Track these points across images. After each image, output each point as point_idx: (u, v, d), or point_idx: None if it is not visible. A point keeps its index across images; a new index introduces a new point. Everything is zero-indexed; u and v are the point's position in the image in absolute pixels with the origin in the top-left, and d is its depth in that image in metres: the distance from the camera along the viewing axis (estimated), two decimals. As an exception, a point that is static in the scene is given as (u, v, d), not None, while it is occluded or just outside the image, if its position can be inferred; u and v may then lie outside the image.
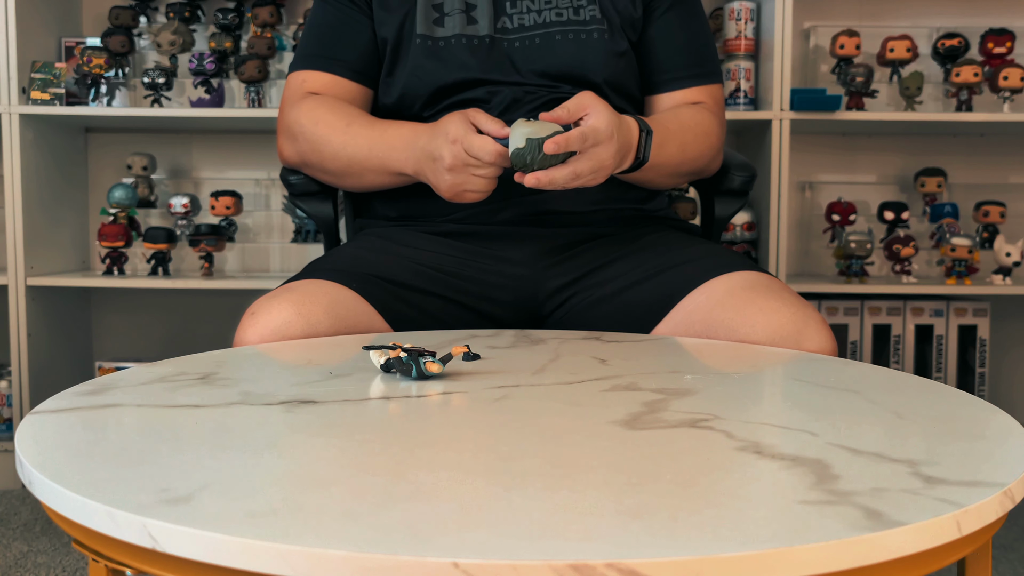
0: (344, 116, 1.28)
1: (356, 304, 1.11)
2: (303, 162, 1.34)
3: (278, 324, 1.04)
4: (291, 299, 1.07)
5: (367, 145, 1.25)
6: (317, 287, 1.11)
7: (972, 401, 0.78)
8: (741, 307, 1.09)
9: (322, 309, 1.07)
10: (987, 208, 2.31)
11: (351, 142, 1.26)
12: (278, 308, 1.05)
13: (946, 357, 2.31)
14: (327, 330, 1.06)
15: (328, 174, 1.32)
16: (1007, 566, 1.77)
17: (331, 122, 1.28)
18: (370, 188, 1.31)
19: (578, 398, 0.77)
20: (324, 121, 1.28)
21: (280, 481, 0.56)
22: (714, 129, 1.34)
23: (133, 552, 0.53)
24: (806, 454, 0.61)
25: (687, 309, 1.14)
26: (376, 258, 1.21)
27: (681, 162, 1.29)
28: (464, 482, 0.56)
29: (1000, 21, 2.42)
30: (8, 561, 1.76)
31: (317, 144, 1.29)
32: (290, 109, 1.33)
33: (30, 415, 0.71)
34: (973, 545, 0.57)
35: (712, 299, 1.12)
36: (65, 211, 2.40)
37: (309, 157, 1.32)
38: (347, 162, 1.27)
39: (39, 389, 2.22)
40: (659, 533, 0.48)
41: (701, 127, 1.32)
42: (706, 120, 1.34)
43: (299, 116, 1.31)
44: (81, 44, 2.36)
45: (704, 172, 1.38)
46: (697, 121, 1.32)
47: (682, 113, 1.32)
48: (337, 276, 1.14)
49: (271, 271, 2.45)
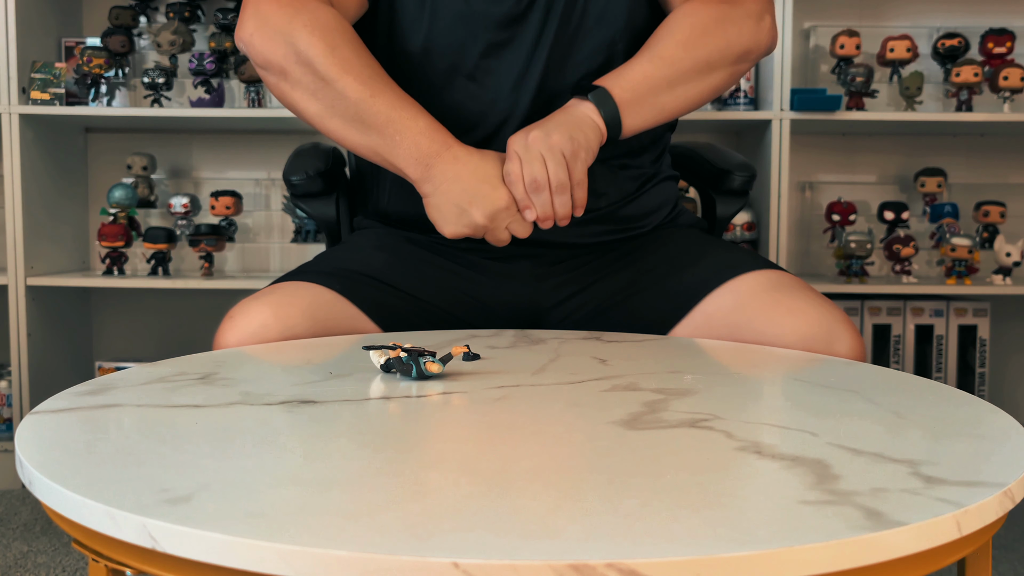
0: (368, 67, 1.09)
1: (338, 305, 1.10)
2: (278, 69, 1.10)
3: (255, 328, 1.04)
4: (269, 302, 1.06)
5: (383, 117, 1.06)
6: (297, 289, 1.10)
7: (972, 401, 0.78)
8: (767, 309, 1.05)
9: (299, 312, 1.06)
10: (987, 208, 2.31)
11: (367, 100, 1.06)
12: (255, 311, 1.05)
13: (946, 357, 2.31)
14: (305, 332, 1.06)
15: (304, 109, 1.11)
16: (1007, 566, 1.77)
17: (356, 71, 1.07)
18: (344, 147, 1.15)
19: (578, 398, 0.77)
20: (346, 64, 1.07)
21: (280, 481, 0.56)
22: (709, 6, 1.16)
23: (133, 552, 0.53)
24: (806, 454, 0.61)
25: (707, 312, 1.10)
26: (367, 257, 1.19)
27: (692, 65, 1.14)
28: (464, 482, 0.56)
29: (1000, 21, 2.42)
30: (8, 561, 1.76)
31: (326, 88, 1.07)
32: (290, 2, 1.10)
33: (30, 415, 0.71)
34: (973, 545, 0.57)
35: (736, 301, 1.08)
36: (65, 211, 2.40)
37: (295, 76, 1.09)
38: (342, 113, 1.08)
39: (39, 389, 2.22)
40: (659, 533, 0.48)
41: (689, 16, 1.16)
42: (694, 5, 1.17)
43: (307, 32, 1.07)
44: (81, 44, 2.36)
45: (748, 53, 1.18)
46: (681, 15, 1.16)
47: (670, 19, 1.17)
48: (320, 278, 1.13)
49: (271, 271, 2.45)
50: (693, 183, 1.50)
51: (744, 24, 1.17)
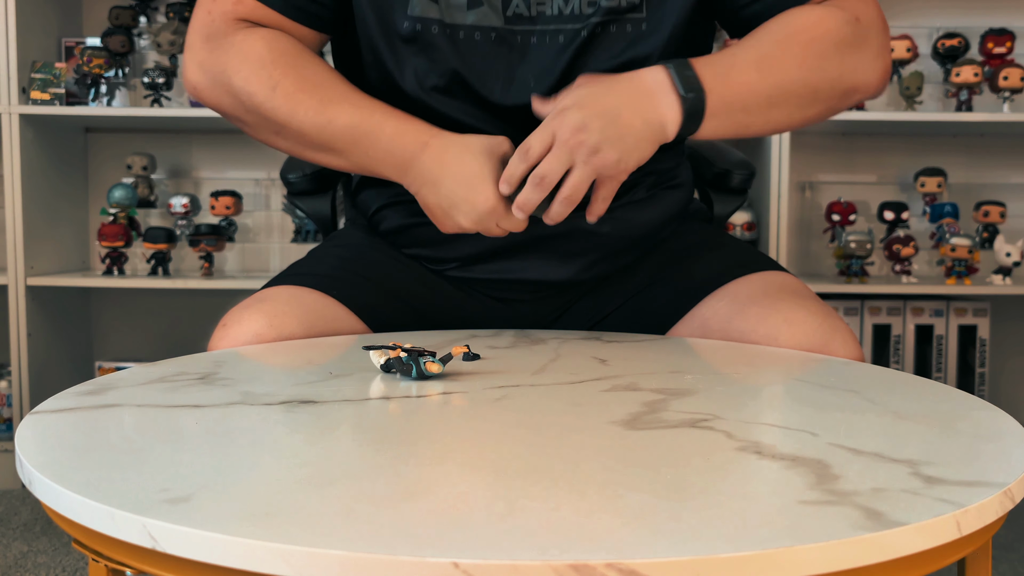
0: (317, 89, 1.01)
1: (334, 311, 1.07)
2: (234, 117, 1.06)
3: (249, 336, 1.01)
4: (263, 310, 1.03)
5: (348, 137, 1.00)
6: (291, 295, 1.07)
7: (972, 401, 0.78)
8: (764, 316, 1.01)
9: (295, 320, 1.03)
10: (987, 208, 2.31)
11: (326, 127, 1.00)
12: (249, 319, 1.02)
13: (946, 357, 2.31)
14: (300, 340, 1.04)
15: (276, 146, 1.07)
16: (1007, 566, 1.77)
17: (304, 101, 1.00)
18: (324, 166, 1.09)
19: (578, 398, 0.77)
20: (292, 98, 1.00)
21: (280, 481, 0.56)
22: (833, 26, 1.00)
23: (133, 552, 0.53)
24: (806, 454, 0.61)
25: (703, 316, 1.08)
26: (363, 257, 1.16)
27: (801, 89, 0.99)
28: (464, 482, 0.56)
29: (1000, 21, 2.42)
30: (8, 561, 1.76)
31: (284, 128, 1.02)
32: (219, 43, 1.03)
33: (30, 415, 0.71)
34: (973, 545, 0.57)
35: (733, 306, 1.05)
36: (65, 211, 2.40)
37: (251, 122, 1.04)
38: (310, 145, 1.02)
39: (39, 389, 2.22)
40: (659, 533, 0.48)
41: (809, 30, 0.99)
42: (815, 17, 0.99)
43: (241, 77, 1.01)
44: (81, 44, 2.36)
45: (855, 92, 1.03)
46: (801, 27, 0.99)
47: (772, 25, 1.01)
48: (315, 281, 1.09)
49: (271, 271, 2.45)
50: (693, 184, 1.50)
51: (864, 57, 1.02)
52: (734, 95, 0.96)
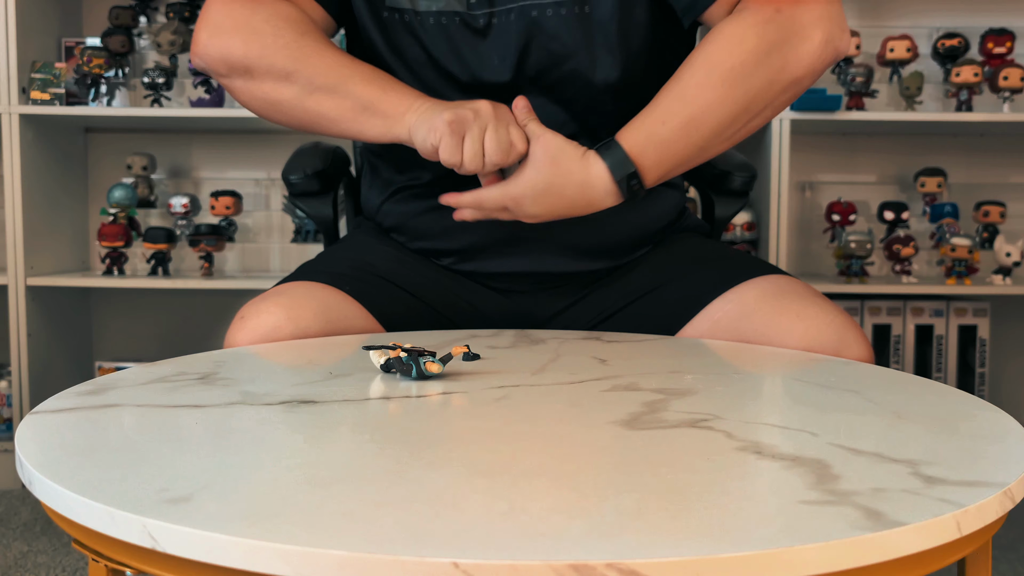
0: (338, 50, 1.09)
1: (348, 307, 1.10)
2: (240, 66, 1.09)
3: (267, 329, 1.03)
4: (281, 303, 1.05)
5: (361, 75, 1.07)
6: (308, 290, 1.09)
7: (972, 401, 0.78)
8: (775, 315, 1.02)
9: (312, 313, 1.05)
10: (987, 208, 2.31)
11: (343, 66, 1.07)
12: (267, 312, 1.04)
13: (946, 357, 2.31)
14: (317, 334, 1.05)
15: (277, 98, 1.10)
16: (1007, 566, 1.77)
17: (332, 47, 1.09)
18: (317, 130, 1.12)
19: (578, 398, 0.77)
20: (317, 39, 1.09)
21: (280, 481, 0.56)
22: (751, 43, 1.00)
23: (133, 552, 0.53)
24: (806, 454, 0.61)
25: (713, 317, 1.08)
26: (371, 257, 1.19)
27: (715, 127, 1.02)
28: (464, 482, 0.56)
29: (1000, 21, 2.42)
30: (8, 561, 1.76)
31: (299, 52, 1.07)
32: (243, 2, 1.10)
33: (30, 415, 0.71)
34: (973, 545, 0.57)
35: (742, 307, 1.06)
36: (65, 211, 2.40)
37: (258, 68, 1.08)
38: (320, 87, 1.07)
39: (39, 389, 2.22)
40: (659, 533, 0.48)
41: (728, 58, 1.01)
42: (735, 39, 1.01)
43: (271, 24, 1.08)
44: (81, 44, 2.36)
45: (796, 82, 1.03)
46: (720, 58, 1.01)
47: (695, 59, 1.03)
48: (329, 278, 1.12)
49: (271, 271, 2.45)
50: (693, 183, 1.50)
51: (792, 48, 1.01)
52: (672, 159, 1.04)
